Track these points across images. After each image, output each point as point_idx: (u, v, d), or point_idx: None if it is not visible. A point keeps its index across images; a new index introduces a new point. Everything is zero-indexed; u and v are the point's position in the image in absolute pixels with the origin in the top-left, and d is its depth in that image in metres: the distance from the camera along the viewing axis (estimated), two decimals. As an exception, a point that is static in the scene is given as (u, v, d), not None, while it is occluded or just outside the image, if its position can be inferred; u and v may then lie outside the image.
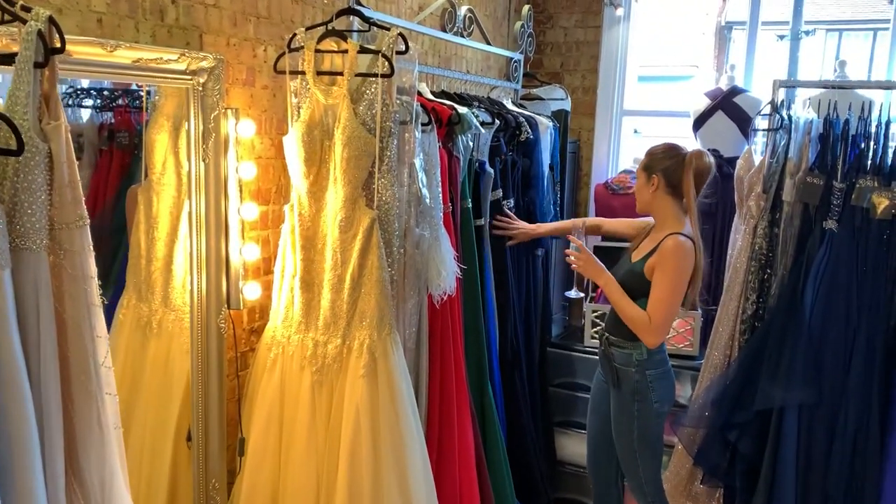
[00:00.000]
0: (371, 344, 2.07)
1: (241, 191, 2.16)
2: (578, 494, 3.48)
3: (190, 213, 2.07)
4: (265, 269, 2.36)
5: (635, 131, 4.36)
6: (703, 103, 3.62)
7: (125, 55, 1.76)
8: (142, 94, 2.14)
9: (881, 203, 2.61)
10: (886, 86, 3.21)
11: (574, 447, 3.49)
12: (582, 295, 2.54)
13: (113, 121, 2.13)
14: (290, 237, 2.20)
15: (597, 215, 3.79)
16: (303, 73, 2.14)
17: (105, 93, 2.11)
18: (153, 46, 1.88)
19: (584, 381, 3.42)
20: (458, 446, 2.44)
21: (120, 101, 2.15)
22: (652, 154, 2.53)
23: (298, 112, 2.17)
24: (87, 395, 1.33)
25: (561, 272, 3.75)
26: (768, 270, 2.88)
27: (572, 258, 2.56)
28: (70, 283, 1.32)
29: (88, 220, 1.34)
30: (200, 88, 2.01)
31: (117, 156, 2.16)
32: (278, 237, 2.37)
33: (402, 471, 2.06)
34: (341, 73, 2.09)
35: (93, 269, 1.34)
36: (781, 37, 4.67)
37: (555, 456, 3.48)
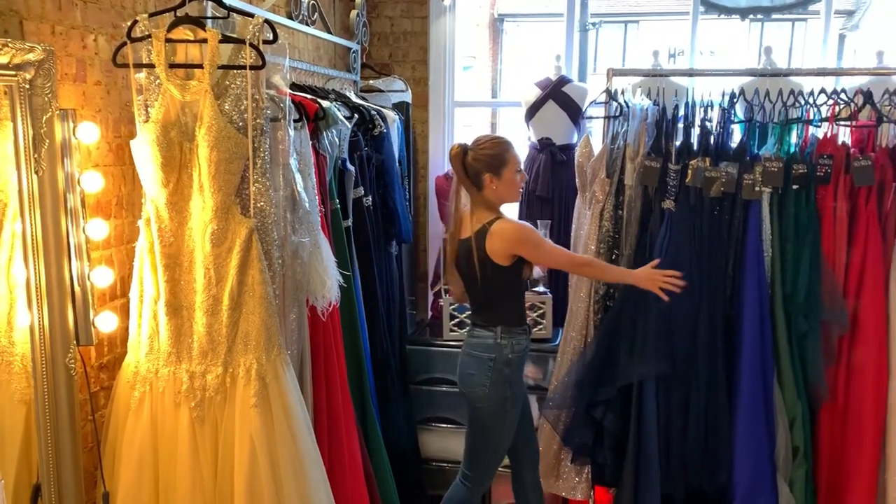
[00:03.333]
0: (260, 369, 1.86)
1: (83, 205, 1.84)
2: (445, 490, 3.44)
3: (24, 236, 1.74)
4: (111, 295, 2.04)
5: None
6: (534, 93, 3.70)
7: (-66, 46, 1.41)
8: None
9: (712, 182, 2.83)
10: (733, 73, 3.36)
11: (438, 443, 3.45)
12: None
13: None
14: (148, 256, 1.91)
15: (439, 207, 3.76)
16: (151, 65, 1.86)
17: None
18: (-33, 35, 1.53)
19: (444, 376, 3.37)
20: (348, 463, 2.29)
21: None
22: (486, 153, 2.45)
23: (147, 111, 1.89)
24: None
25: (407, 268, 3.68)
26: (616, 251, 3.01)
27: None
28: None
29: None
30: (27, 86, 1.69)
31: None
32: (123, 256, 2.06)
33: (304, 500, 1.88)
34: (200, 66, 1.85)
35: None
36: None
37: (419, 454, 3.42)
